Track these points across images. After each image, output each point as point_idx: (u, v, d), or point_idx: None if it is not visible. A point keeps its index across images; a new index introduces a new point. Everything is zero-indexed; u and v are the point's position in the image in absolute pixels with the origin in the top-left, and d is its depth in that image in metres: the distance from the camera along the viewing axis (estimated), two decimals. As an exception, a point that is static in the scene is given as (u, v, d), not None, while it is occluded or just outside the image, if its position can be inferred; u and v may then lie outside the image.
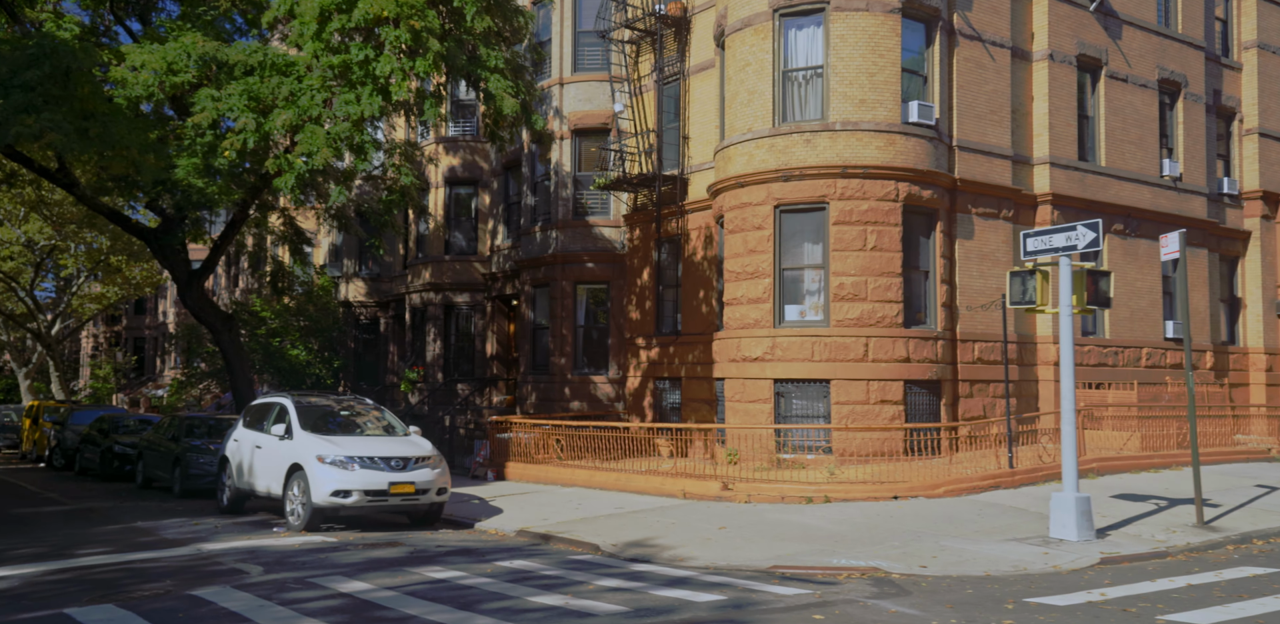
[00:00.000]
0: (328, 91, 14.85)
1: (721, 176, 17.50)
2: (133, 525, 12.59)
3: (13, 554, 10.13)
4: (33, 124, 12.96)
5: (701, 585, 7.74)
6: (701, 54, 20.10)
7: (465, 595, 7.31)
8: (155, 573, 8.71)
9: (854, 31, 16.09)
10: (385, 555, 9.65)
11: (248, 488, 13.34)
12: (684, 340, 20.21)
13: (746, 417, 16.46)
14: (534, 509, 13.43)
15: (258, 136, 14.82)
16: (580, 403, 21.99)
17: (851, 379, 15.74)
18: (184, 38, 15.20)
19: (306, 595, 7.38)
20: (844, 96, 16.07)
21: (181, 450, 16.78)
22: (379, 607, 6.92)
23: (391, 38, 13.26)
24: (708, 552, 9.65)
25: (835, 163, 15.96)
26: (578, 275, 22.45)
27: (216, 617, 6.67)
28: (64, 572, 8.90)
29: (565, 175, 22.71)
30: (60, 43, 13.77)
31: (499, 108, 14.59)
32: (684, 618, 6.39)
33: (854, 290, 15.86)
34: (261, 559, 9.45)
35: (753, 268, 16.62)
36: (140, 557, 9.74)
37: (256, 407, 14.05)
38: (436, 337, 28.15)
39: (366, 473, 11.64)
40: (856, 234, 15.94)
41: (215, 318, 22.73)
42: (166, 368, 59.07)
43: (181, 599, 7.34)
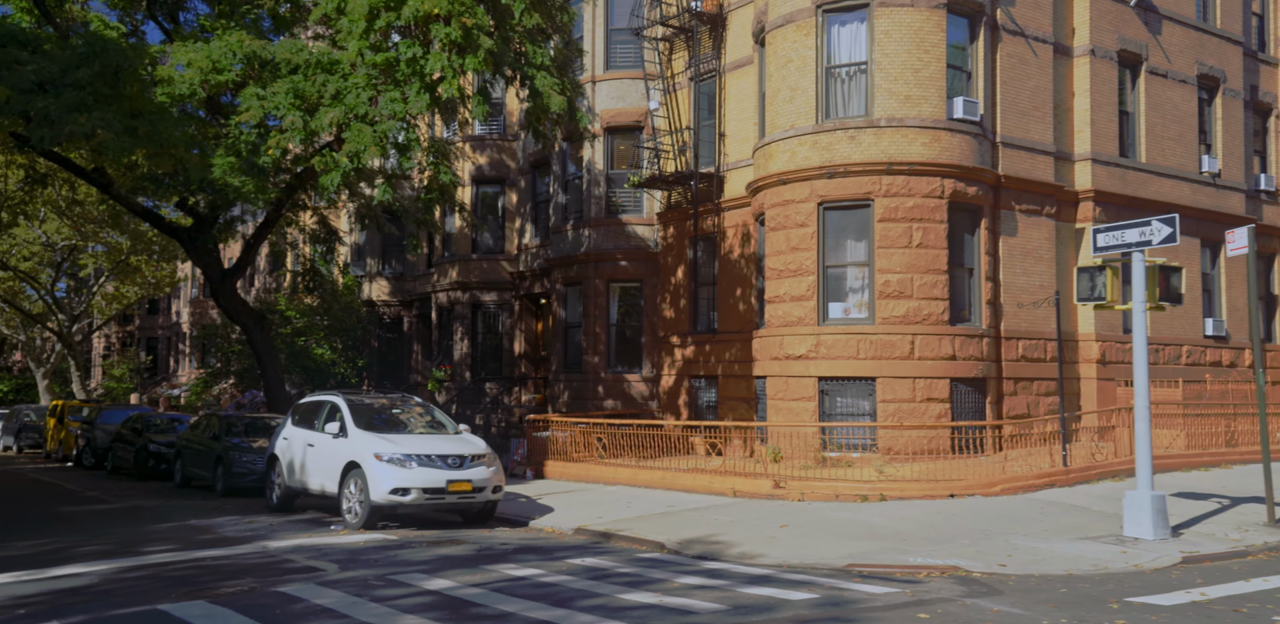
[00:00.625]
0: (373, 90, 14.83)
1: (762, 174, 17.42)
2: (187, 523, 12.58)
3: (79, 551, 10.13)
4: (85, 122, 12.97)
5: (785, 583, 7.68)
6: (738, 51, 20.03)
7: (554, 593, 7.26)
8: (230, 570, 8.69)
9: (899, 27, 15.99)
10: (453, 553, 9.61)
11: (299, 486, 13.32)
12: (721, 338, 20.14)
13: (789, 415, 16.38)
14: (584, 507, 13.38)
15: (304, 134, 14.82)
16: (614, 401, 21.95)
17: (898, 377, 15.65)
18: (229, 36, 15.19)
19: (395, 593, 7.33)
20: (889, 93, 15.98)
21: (224, 449, 16.77)
22: (472, 604, 6.87)
23: (442, 35, 13.23)
24: (776, 550, 9.58)
25: (880, 159, 15.88)
26: (611, 273, 22.41)
27: (313, 613, 6.64)
28: (139, 569, 8.89)
29: (598, 173, 22.66)
30: (110, 42, 13.78)
31: (546, 105, 14.54)
32: (786, 616, 6.33)
33: (900, 288, 15.77)
34: (331, 557, 9.42)
35: (795, 265, 16.54)
36: (208, 554, 9.72)
37: (306, 405, 14.03)
38: (464, 336, 28.14)
39: (424, 471, 11.60)
40: (902, 231, 15.85)
41: (248, 317, 22.76)
42: (180, 368, 59.26)
43: (270, 596, 7.31)
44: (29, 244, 39.56)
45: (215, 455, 17.03)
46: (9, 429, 35.97)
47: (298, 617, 6.56)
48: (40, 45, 14.69)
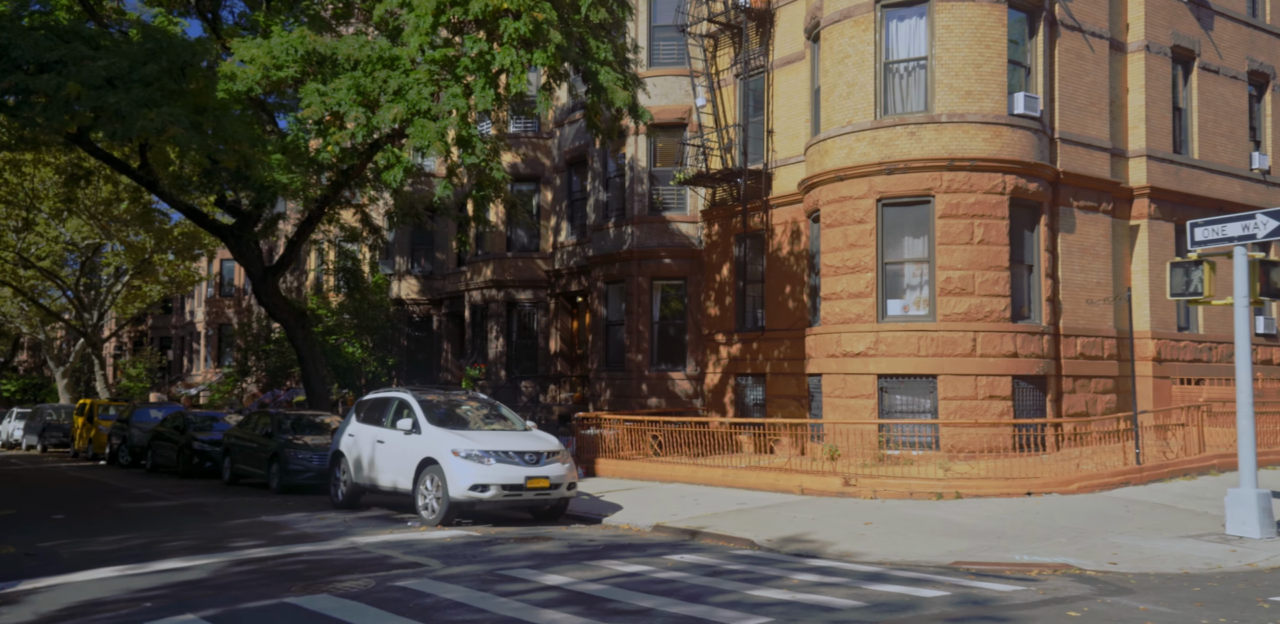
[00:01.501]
0: (434, 85, 14.77)
1: (817, 170, 17.33)
2: (258, 520, 12.53)
3: (168, 546, 10.09)
4: (155, 118, 12.93)
5: (904, 581, 7.60)
6: (787, 47, 19.94)
7: (678, 589, 7.19)
8: (335, 566, 8.63)
9: (960, 22, 15.89)
10: (546, 550, 9.54)
11: (368, 483, 13.26)
12: (769, 336, 20.06)
13: (847, 412, 16.28)
14: (652, 505, 13.31)
15: (366, 130, 14.77)
16: (658, 399, 21.87)
17: (959, 374, 15.55)
18: (291, 32, 15.13)
19: (517, 588, 7.26)
20: (950, 88, 15.87)
21: (278, 446, 16.72)
22: (603, 599, 6.79)
23: (511, 29, 13.16)
24: (874, 547, 9.50)
25: (941, 155, 15.77)
26: (654, 271, 22.33)
27: (448, 608, 6.57)
28: (241, 563, 8.84)
29: (641, 171, 22.58)
30: (176, 38, 13.74)
31: (610, 99, 14.47)
32: (932, 614, 6.24)
33: (961, 284, 15.67)
34: (427, 553, 9.36)
35: (853, 262, 16.45)
36: (300, 550, 9.67)
37: (371, 401, 13.97)
38: (499, 334, 28.09)
39: (502, 467, 11.54)
40: (963, 227, 15.75)
41: (289, 314, 22.73)
42: (194, 367, 59.30)
43: (393, 590, 7.24)
44: (52, 242, 39.56)
45: (269, 453, 16.97)
46: (32, 428, 35.95)
47: (433, 610, 6.49)
48: (99, 41, 14.68)
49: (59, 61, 13.36)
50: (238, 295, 55.94)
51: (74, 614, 6.83)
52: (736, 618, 6.08)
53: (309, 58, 15.26)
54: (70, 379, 49.16)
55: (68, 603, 7.23)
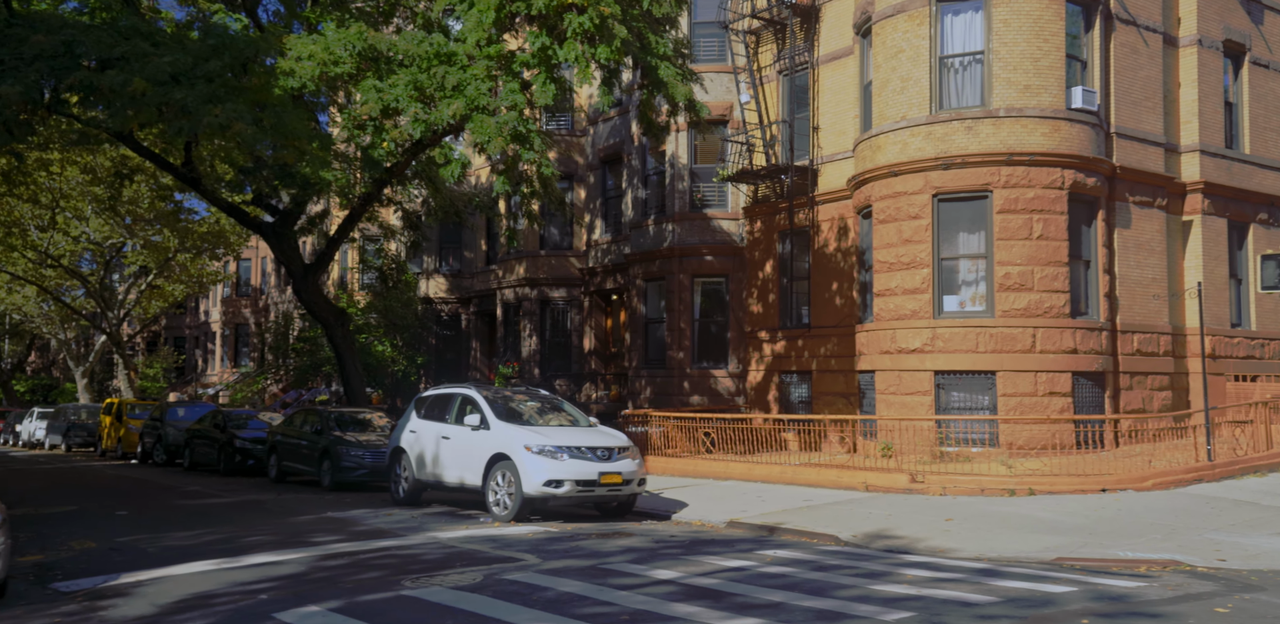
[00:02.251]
0: (491, 81, 14.72)
1: (869, 166, 17.22)
2: (324, 516, 12.48)
3: (248, 541, 10.03)
4: (220, 114, 12.89)
5: (1022, 577, 7.48)
6: (832, 43, 19.83)
7: (796, 583, 7.09)
8: (429, 560, 8.56)
9: (1018, 16, 15.77)
10: (633, 545, 9.45)
11: (431, 479, 13.19)
12: (815, 333, 19.95)
13: (902, 409, 16.17)
14: (715, 501, 13.21)
15: (424, 126, 14.72)
16: (700, 397, 21.77)
17: (1019, 370, 15.42)
18: (351, 28, 15.09)
19: (631, 581, 7.18)
20: (1008, 82, 15.75)
21: (330, 444, 16.66)
22: (726, 593, 6.70)
23: (575, 24, 13.09)
24: (964, 543, 9.38)
25: (999, 150, 15.65)
26: (696, 268, 22.24)
27: (572, 600, 6.49)
28: (333, 558, 8.77)
29: (681, 168, 22.49)
30: (239, 34, 13.71)
31: (671, 95, 14.38)
32: (1074, 609, 6.13)
33: (1020, 280, 15.55)
34: (516, 548, 9.28)
35: (909, 258, 16.34)
36: (384, 544, 9.60)
37: (433, 398, 13.90)
38: (532, 332, 28.02)
39: (576, 463, 11.46)
40: (1022, 223, 15.62)
41: (329, 312, 22.72)
42: (209, 367, 59.38)
43: (507, 584, 7.15)
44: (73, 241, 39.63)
45: (320, 450, 16.92)
46: (56, 428, 35.96)
47: (562, 603, 6.41)
48: (157, 38, 14.66)
49: (120, 58, 13.32)
50: (254, 295, 56.04)
51: (192, 606, 6.77)
52: (877, 612, 5.98)
53: (365, 54, 15.22)
54: (88, 379, 49.23)
55: (180, 595, 7.17)
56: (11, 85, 12.60)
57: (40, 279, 41.71)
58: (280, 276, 52.20)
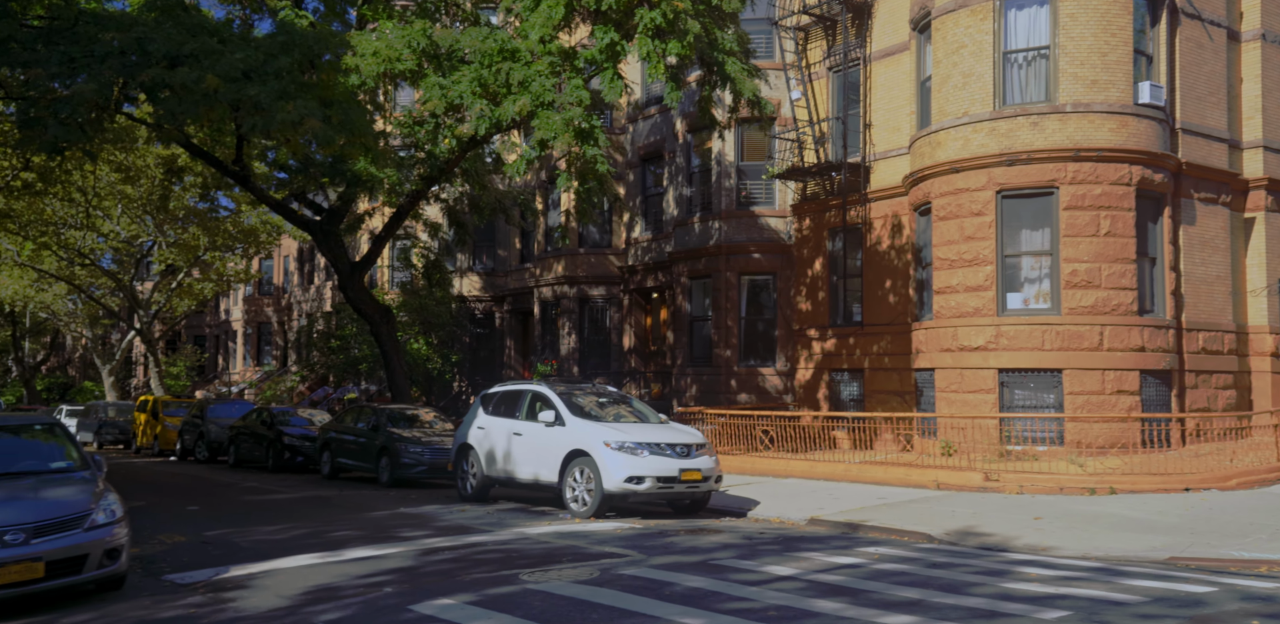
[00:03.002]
0: (555, 77, 14.67)
1: (928, 162, 17.08)
2: (399, 512, 12.46)
3: (337, 536, 10.01)
4: (292, 111, 12.87)
5: (1151, 576, 7.33)
6: (886, 39, 19.70)
7: (924, 580, 6.99)
8: (530, 554, 8.50)
9: (1085, 10, 15.61)
10: (729, 541, 9.37)
11: (502, 476, 13.15)
12: (868, 331, 19.82)
13: (964, 407, 16.03)
14: (786, 499, 13.12)
15: (489, 122, 14.69)
16: (747, 395, 21.68)
17: (1086, 369, 15.26)
18: (416, 25, 15.07)
19: (753, 577, 7.10)
20: (1074, 77, 15.60)
21: (388, 440, 16.65)
22: (855, 590, 6.61)
23: (647, 20, 13.02)
24: (1064, 542, 9.26)
25: (1066, 146, 15.50)
26: (742, 266, 22.15)
27: (707, 595, 6.40)
28: (433, 552, 8.72)
29: (728, 165, 22.41)
30: (307, 32, 13.71)
31: (739, 90, 14.30)
32: (1231, 610, 5.97)
33: (1087, 277, 15.39)
34: (612, 543, 9.21)
35: (971, 255, 16.20)
36: (476, 539, 9.55)
37: (501, 394, 13.85)
38: (571, 330, 27.99)
39: (656, 459, 11.39)
40: (1089, 219, 15.46)
41: (374, 310, 22.73)
42: (230, 365, 59.64)
43: (628, 578, 7.08)
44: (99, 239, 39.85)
45: (377, 447, 16.91)
46: (87, 425, 36.14)
47: (698, 597, 6.33)
48: (222, 34, 14.67)
49: (190, 55, 13.32)
50: (277, 294, 56.26)
51: (320, 598, 6.74)
52: (1031, 610, 5.87)
53: (427, 51, 15.20)
54: (114, 377, 49.53)
55: (302, 587, 7.15)
56: (86, 83, 12.62)
57: (71, 277, 42.01)
58: (303, 275, 52.38)
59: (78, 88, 12.54)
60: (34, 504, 6.86)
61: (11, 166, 28.63)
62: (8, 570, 6.47)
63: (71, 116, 12.91)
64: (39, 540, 6.66)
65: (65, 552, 6.73)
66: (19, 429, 8.18)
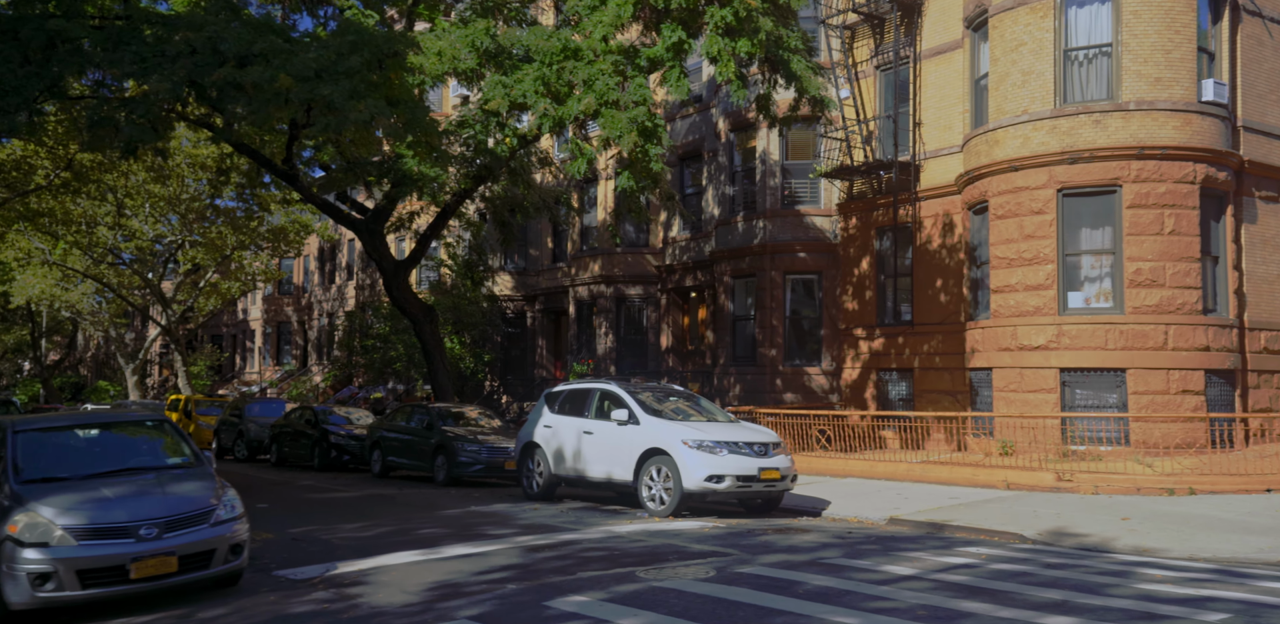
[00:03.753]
0: (619, 76, 14.67)
1: (985, 161, 17.00)
2: (471, 510, 12.45)
3: (423, 534, 10.01)
4: (364, 110, 12.91)
5: (1271, 578, 7.28)
6: (937, 37, 19.62)
7: (1053, 581, 6.92)
8: (635, 552, 8.48)
9: (1149, 7, 15.51)
10: (823, 541, 9.33)
11: (572, 474, 13.13)
12: (918, 331, 19.74)
13: (1024, 407, 15.94)
14: (855, 498, 13.06)
15: (552, 121, 14.69)
16: (793, 395, 21.62)
17: (1150, 368, 15.16)
18: (480, 24, 15.09)
19: (877, 577, 7.05)
20: (1138, 75, 15.50)
21: (445, 439, 16.64)
22: (994, 591, 6.54)
23: (717, 18, 12.99)
24: (1168, 543, 9.15)
25: (1129, 144, 15.40)
26: (788, 265, 22.09)
27: (843, 594, 6.35)
28: (534, 550, 8.70)
29: (773, 164, 22.36)
30: (376, 31, 13.74)
31: (805, 88, 14.27)
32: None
33: (1152, 276, 15.29)
34: (709, 542, 9.18)
35: (1031, 254, 16.12)
36: (569, 537, 9.53)
37: (568, 393, 13.84)
38: (608, 330, 27.98)
39: (735, 458, 11.36)
40: (1153, 218, 15.37)
41: (418, 309, 22.77)
42: (249, 365, 59.84)
43: (750, 577, 7.04)
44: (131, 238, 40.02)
45: (433, 446, 16.91)
46: (115, 424, 36.26)
47: (833, 596, 6.30)
48: (288, 33, 14.72)
49: (259, 54, 13.38)
50: (297, 294, 56.43)
51: (448, 594, 6.73)
52: (1189, 612, 5.78)
53: (488, 51, 15.21)
54: (137, 376, 49.74)
55: (424, 583, 7.14)
56: (159, 82, 12.68)
57: (100, 276, 42.24)
58: (324, 275, 52.53)
59: (153, 87, 12.60)
60: (162, 499, 6.88)
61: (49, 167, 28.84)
62: (144, 564, 6.49)
63: (145, 116, 12.98)
64: (170, 535, 6.68)
65: (195, 546, 6.75)
66: (132, 426, 8.21)
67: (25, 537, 6.31)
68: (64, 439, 7.64)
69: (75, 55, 13.18)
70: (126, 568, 6.44)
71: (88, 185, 30.82)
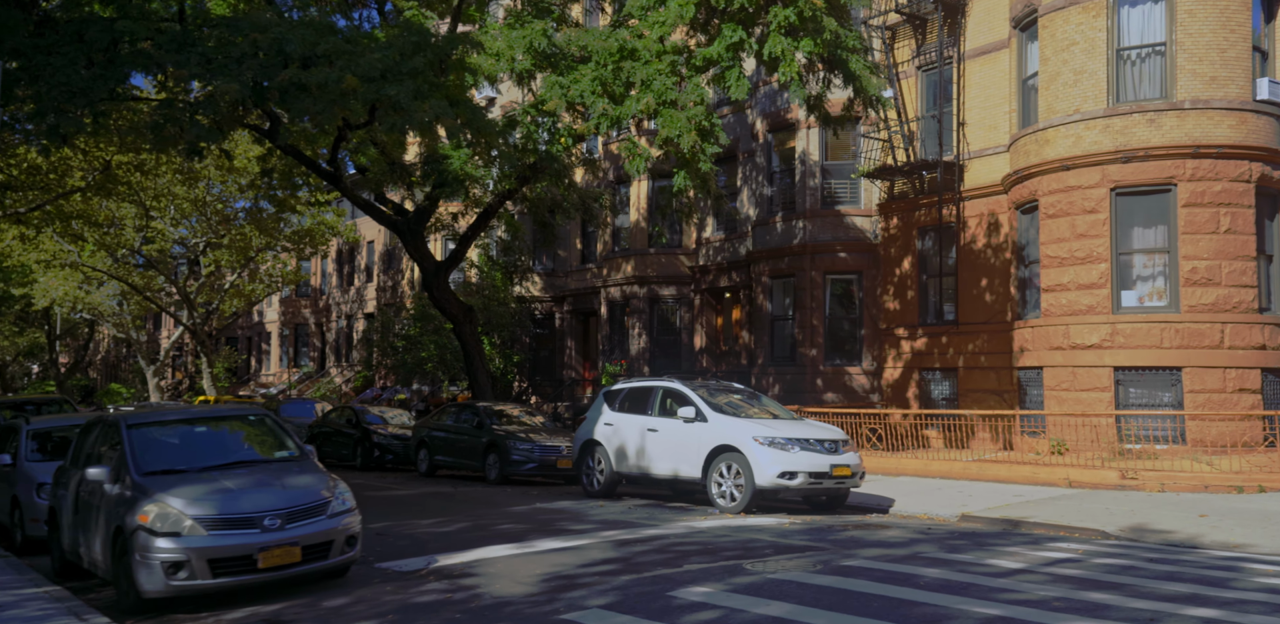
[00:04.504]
0: (676, 76, 14.75)
1: (1035, 160, 17.02)
2: (537, 506, 12.52)
3: (501, 529, 10.06)
4: (428, 110, 13.01)
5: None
6: (980, 37, 19.66)
7: (1169, 575, 6.93)
8: (728, 546, 8.52)
9: (1203, 7, 15.52)
10: (906, 536, 9.36)
11: (635, 471, 13.18)
12: (963, 330, 19.75)
13: (1076, 406, 15.94)
14: (920, 496, 13.07)
15: (609, 121, 14.77)
16: (834, 394, 21.63)
17: (1207, 367, 15.15)
18: (538, 25, 15.19)
19: (987, 570, 7.09)
20: (1193, 74, 15.51)
21: (496, 438, 16.71)
22: (1115, 584, 6.54)
23: (780, 18, 13.07)
24: (1256, 540, 9.14)
25: (1185, 143, 15.41)
26: (828, 265, 22.13)
27: (966, 586, 6.39)
28: (625, 544, 8.75)
29: (812, 164, 22.41)
30: (436, 33, 13.85)
31: (863, 87, 14.34)
32: None
33: (1208, 275, 15.28)
34: (796, 536, 9.23)
35: (1083, 253, 16.13)
36: (651, 533, 9.58)
37: (628, 390, 13.90)
38: (641, 330, 28.03)
39: (807, 455, 11.40)
40: (1209, 216, 15.36)
41: (457, 309, 22.87)
42: (264, 367, 60.07)
43: (860, 569, 7.09)
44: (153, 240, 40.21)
45: (484, 444, 16.98)
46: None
47: (957, 587, 6.33)
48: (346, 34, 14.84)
49: (321, 55, 13.49)
50: (314, 296, 56.64)
51: (563, 585, 6.79)
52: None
53: (544, 52, 15.31)
54: (158, 378, 49.92)
55: (536, 575, 7.20)
56: (227, 82, 12.80)
57: (127, 276, 42.52)
58: (342, 277, 52.74)
59: (222, 88, 12.71)
60: (281, 492, 6.96)
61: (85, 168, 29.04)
62: (270, 554, 6.57)
63: (212, 116, 13.10)
64: (292, 526, 6.76)
65: (316, 537, 6.83)
66: (236, 421, 8.31)
67: (157, 526, 6.40)
68: (174, 433, 7.74)
69: (140, 57, 13.31)
70: (254, 558, 6.52)
71: (120, 186, 31.02)
